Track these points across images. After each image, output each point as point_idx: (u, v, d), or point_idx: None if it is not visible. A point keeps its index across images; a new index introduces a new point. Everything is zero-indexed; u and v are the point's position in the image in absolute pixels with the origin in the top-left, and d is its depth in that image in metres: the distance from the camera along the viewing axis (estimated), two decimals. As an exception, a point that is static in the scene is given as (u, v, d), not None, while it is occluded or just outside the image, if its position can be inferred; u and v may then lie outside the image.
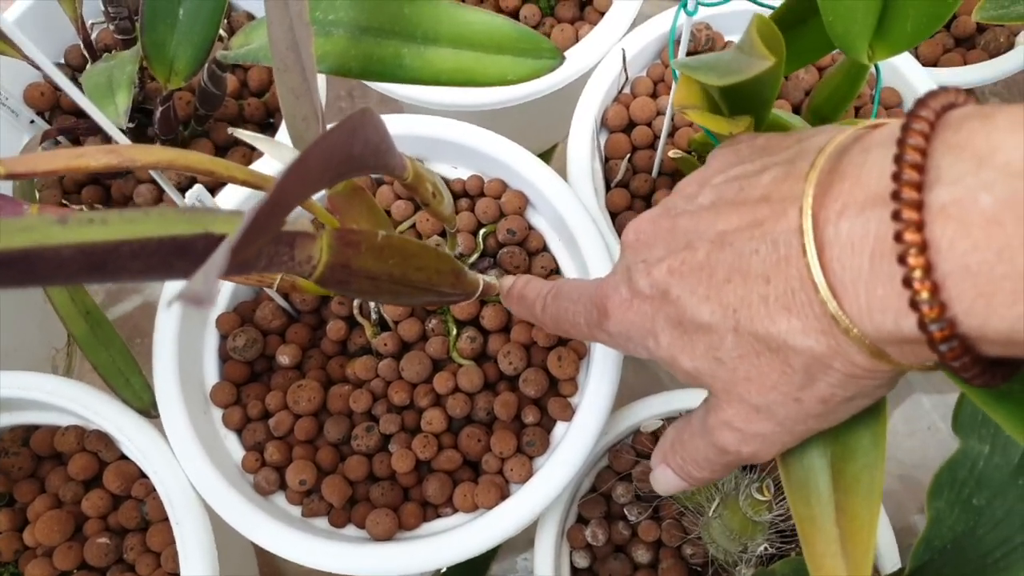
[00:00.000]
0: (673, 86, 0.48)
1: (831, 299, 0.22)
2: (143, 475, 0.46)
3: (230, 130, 0.33)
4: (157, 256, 0.21)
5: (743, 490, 0.39)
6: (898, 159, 0.21)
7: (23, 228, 0.19)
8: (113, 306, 0.67)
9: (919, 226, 0.20)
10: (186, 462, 0.43)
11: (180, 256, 0.21)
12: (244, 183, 0.30)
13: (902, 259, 0.20)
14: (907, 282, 0.20)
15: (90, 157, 0.29)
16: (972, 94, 0.23)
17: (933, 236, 0.20)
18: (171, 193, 0.37)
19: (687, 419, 0.31)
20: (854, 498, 0.29)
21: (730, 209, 0.26)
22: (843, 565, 0.28)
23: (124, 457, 0.47)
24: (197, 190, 0.41)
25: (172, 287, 0.46)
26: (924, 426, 0.63)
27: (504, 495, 0.43)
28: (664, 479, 0.33)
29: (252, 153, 0.56)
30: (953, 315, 0.20)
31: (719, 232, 0.26)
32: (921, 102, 0.22)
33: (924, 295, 0.20)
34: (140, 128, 0.55)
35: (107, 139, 0.55)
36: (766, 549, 0.39)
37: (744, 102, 0.32)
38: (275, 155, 0.34)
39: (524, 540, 0.63)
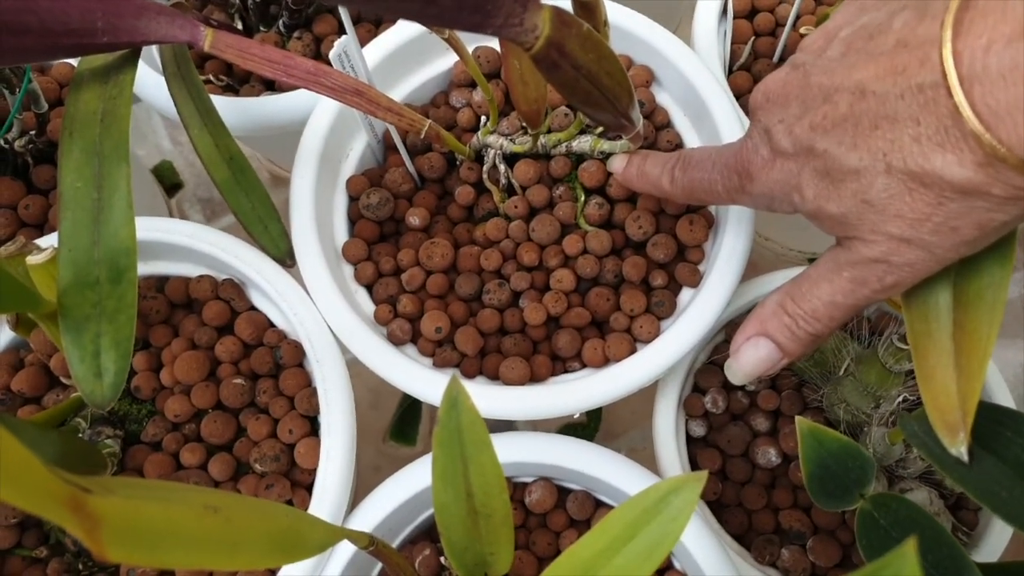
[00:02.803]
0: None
1: (984, 132, 0.23)
2: (272, 324, 0.48)
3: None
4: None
5: (883, 341, 0.40)
6: None
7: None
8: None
9: None
10: (325, 306, 0.44)
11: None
12: None
13: None
14: None
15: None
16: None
17: None
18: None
19: (799, 277, 0.32)
20: (975, 313, 0.30)
21: (865, 59, 0.27)
22: (954, 377, 0.29)
23: (254, 308, 0.48)
24: (344, 42, 0.42)
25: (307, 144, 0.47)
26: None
27: (633, 350, 0.44)
28: (752, 356, 0.33)
29: (376, 28, 0.56)
30: None
31: (857, 83, 0.26)
32: None
33: None
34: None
35: None
36: (904, 400, 0.40)
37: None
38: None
39: (619, 427, 0.64)
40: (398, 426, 0.64)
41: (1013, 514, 0.29)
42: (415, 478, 0.43)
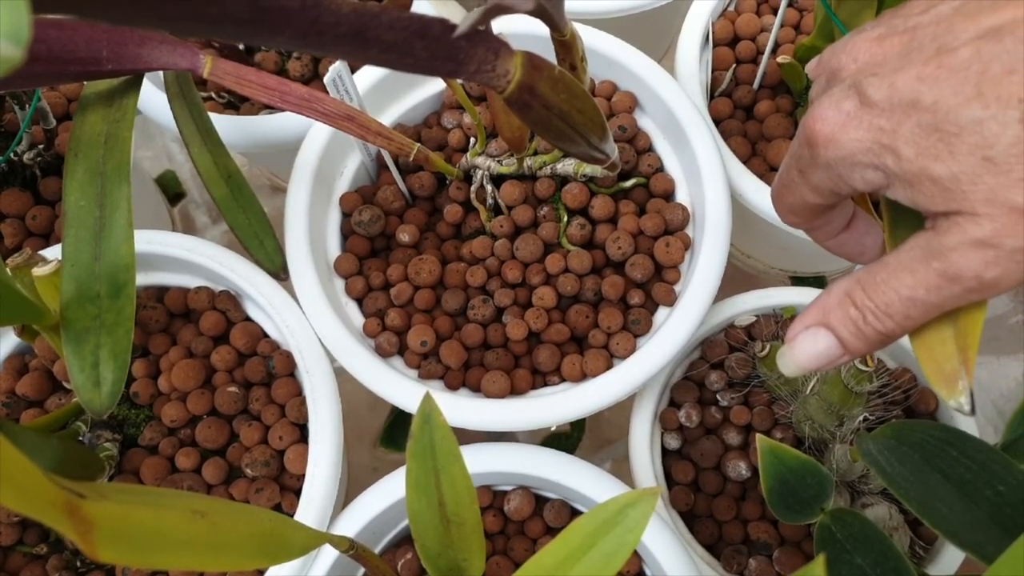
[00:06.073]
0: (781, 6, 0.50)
1: None
2: (266, 335, 0.50)
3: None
4: (406, 32, 0.24)
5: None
6: None
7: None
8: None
9: None
10: (315, 319, 0.46)
11: (421, 36, 0.24)
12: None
13: None
14: None
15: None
16: None
17: None
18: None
19: (874, 264, 0.27)
20: None
21: (998, 4, 0.23)
22: (948, 323, 0.27)
23: (249, 319, 0.50)
24: (338, 67, 0.44)
25: (301, 166, 0.49)
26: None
27: (610, 366, 0.46)
28: (809, 348, 0.28)
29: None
30: None
31: (989, 28, 0.23)
32: None
33: None
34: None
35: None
36: (865, 419, 0.42)
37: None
38: (441, 11, 0.36)
39: (598, 443, 0.66)
40: (388, 432, 0.66)
41: (951, 530, 0.31)
42: (398, 485, 0.45)
